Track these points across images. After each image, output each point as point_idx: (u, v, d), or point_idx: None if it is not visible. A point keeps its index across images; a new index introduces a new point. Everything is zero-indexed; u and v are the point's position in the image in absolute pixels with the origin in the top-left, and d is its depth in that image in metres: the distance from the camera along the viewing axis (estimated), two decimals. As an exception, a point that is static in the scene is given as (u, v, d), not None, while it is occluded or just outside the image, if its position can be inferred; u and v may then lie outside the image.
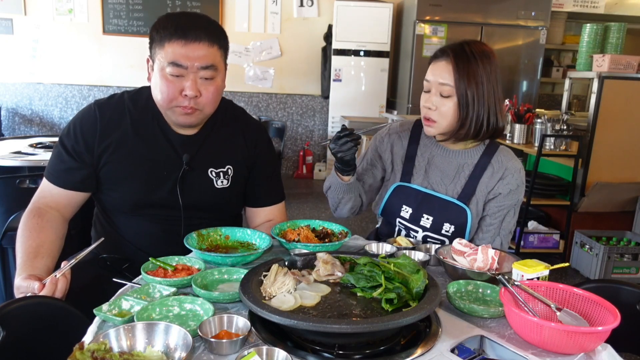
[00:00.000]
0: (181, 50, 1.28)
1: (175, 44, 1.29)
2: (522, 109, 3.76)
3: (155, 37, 1.33)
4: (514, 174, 1.51)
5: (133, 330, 0.87)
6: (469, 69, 1.41)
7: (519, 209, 1.57)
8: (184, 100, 1.33)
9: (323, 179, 6.01)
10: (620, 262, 3.39)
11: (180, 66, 1.29)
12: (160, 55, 1.31)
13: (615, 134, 3.44)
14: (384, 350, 0.93)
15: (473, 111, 1.43)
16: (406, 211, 1.57)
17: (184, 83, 1.31)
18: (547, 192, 3.65)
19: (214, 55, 1.33)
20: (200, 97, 1.34)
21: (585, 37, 3.69)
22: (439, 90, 1.44)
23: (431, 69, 1.48)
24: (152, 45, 1.35)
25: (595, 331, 0.92)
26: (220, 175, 1.49)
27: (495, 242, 1.55)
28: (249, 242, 1.40)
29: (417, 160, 1.59)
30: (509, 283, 1.06)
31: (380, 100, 5.75)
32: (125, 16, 5.72)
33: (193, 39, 1.29)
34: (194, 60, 1.30)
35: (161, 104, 1.36)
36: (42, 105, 5.95)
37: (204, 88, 1.34)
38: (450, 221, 1.52)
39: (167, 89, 1.32)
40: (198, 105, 1.35)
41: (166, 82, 1.31)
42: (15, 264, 1.32)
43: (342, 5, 5.46)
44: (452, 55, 1.42)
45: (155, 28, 1.34)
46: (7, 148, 2.73)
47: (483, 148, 1.55)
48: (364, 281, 1.05)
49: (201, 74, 1.32)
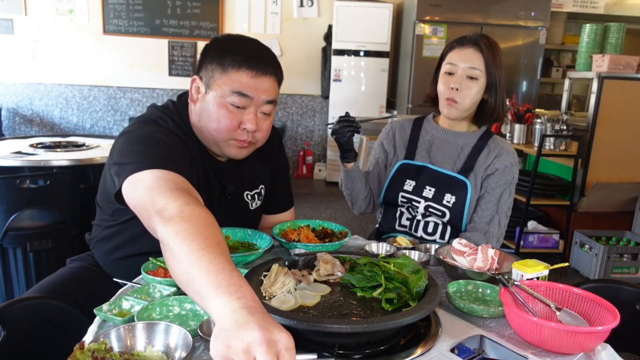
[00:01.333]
0: (250, 81, 1.23)
1: (244, 74, 1.22)
2: (522, 109, 3.76)
3: (217, 60, 1.24)
4: (508, 152, 1.65)
5: (133, 330, 0.87)
6: (495, 57, 1.58)
7: (514, 191, 1.67)
8: (242, 133, 1.26)
9: (323, 179, 6.07)
10: (620, 262, 3.39)
11: (246, 97, 1.23)
12: (222, 81, 1.23)
13: (615, 134, 3.44)
14: (384, 350, 0.93)
15: (496, 95, 1.60)
16: (409, 184, 1.67)
17: (244, 116, 1.25)
18: (546, 192, 3.66)
19: (276, 91, 1.30)
20: (257, 131, 1.28)
21: (584, 37, 3.69)
22: (466, 74, 1.57)
23: (457, 53, 1.60)
24: (209, 67, 1.25)
25: (595, 331, 0.92)
26: (255, 198, 1.47)
27: (494, 219, 1.62)
28: (250, 243, 1.40)
29: (420, 142, 1.73)
30: (508, 283, 1.06)
31: (380, 101, 5.75)
32: (125, 16, 5.73)
33: (263, 72, 1.24)
34: (261, 93, 1.25)
35: (215, 134, 1.26)
36: (43, 105, 5.95)
37: (262, 123, 1.29)
38: (451, 192, 1.61)
39: (227, 120, 1.24)
40: (254, 139, 1.30)
41: (227, 113, 1.23)
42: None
43: (342, 5, 5.46)
44: (482, 44, 1.57)
45: (218, 51, 1.25)
46: (8, 148, 2.73)
47: (480, 133, 1.69)
48: (364, 281, 1.05)
49: (263, 108, 1.27)
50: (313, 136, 6.31)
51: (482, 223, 1.62)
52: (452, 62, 1.59)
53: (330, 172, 5.94)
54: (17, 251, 2.21)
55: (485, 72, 1.56)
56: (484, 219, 1.62)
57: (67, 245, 2.31)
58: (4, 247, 2.19)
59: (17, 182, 2.17)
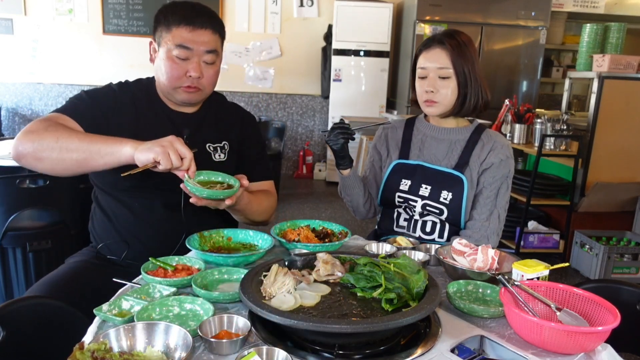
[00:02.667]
0: (188, 35, 1.41)
1: (183, 29, 1.41)
2: (522, 109, 3.76)
3: (162, 21, 1.44)
4: (502, 145, 1.64)
5: (133, 330, 0.87)
6: (463, 52, 1.57)
7: (510, 184, 1.67)
8: (188, 80, 1.44)
9: (323, 179, 6.06)
10: (620, 262, 3.39)
11: (187, 49, 1.41)
12: (167, 38, 1.42)
13: (615, 134, 3.44)
14: (384, 350, 0.93)
15: (471, 87, 1.59)
16: (405, 184, 1.67)
17: (189, 65, 1.43)
18: (547, 192, 3.65)
19: (216, 42, 1.47)
20: (202, 78, 1.45)
21: (585, 37, 3.69)
22: (437, 74, 1.58)
23: (425, 56, 1.61)
24: (158, 29, 1.46)
25: (595, 331, 0.92)
26: (218, 150, 1.57)
27: (493, 214, 1.62)
28: (251, 244, 1.40)
29: (413, 142, 1.73)
30: (509, 283, 1.06)
31: (380, 100, 5.75)
32: (125, 16, 5.73)
33: (200, 26, 1.42)
34: (200, 45, 1.42)
35: (166, 83, 1.46)
36: (42, 105, 5.95)
37: (205, 70, 1.46)
38: (447, 189, 1.61)
39: (173, 70, 1.43)
40: (200, 85, 1.47)
41: (172, 64, 1.43)
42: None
43: (342, 5, 5.46)
44: (447, 42, 1.57)
45: (163, 13, 1.45)
46: (7, 148, 2.73)
47: (472, 128, 1.68)
48: (364, 281, 1.05)
49: (204, 57, 1.44)
50: (313, 136, 6.31)
51: (482, 219, 1.62)
52: (422, 66, 1.61)
53: (330, 172, 5.93)
54: (16, 251, 2.21)
55: (454, 69, 1.56)
56: (483, 215, 1.62)
57: (67, 246, 2.31)
58: (4, 247, 2.19)
59: (16, 182, 2.17)
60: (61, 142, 1.25)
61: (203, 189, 1.26)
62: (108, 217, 1.51)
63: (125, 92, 1.53)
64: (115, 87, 1.54)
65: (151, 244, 1.46)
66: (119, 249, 1.48)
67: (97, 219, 1.56)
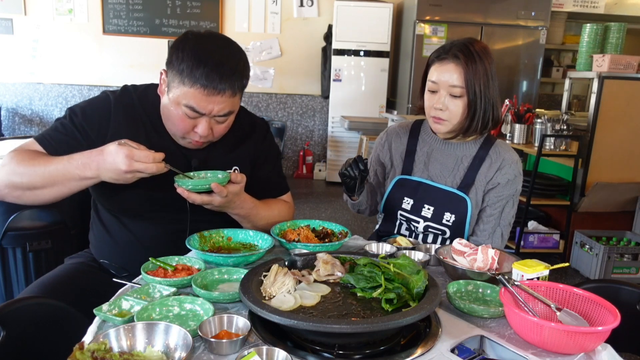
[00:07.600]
0: (202, 99, 1.25)
1: (198, 91, 1.24)
2: (522, 109, 3.76)
3: (177, 68, 1.25)
4: (511, 164, 1.56)
5: (133, 330, 0.87)
6: (477, 69, 1.46)
7: (517, 200, 1.61)
8: (196, 135, 1.33)
9: (323, 179, 6.07)
10: (620, 262, 3.39)
11: (198, 112, 1.28)
12: (179, 90, 1.26)
13: (615, 134, 3.44)
14: (384, 350, 0.93)
15: (481, 108, 1.49)
16: (407, 203, 1.61)
17: (198, 122, 1.30)
18: (547, 192, 3.65)
19: (233, 103, 1.31)
20: (211, 135, 1.34)
21: (585, 37, 3.68)
22: (448, 92, 1.49)
23: (437, 70, 1.50)
24: (171, 69, 1.28)
25: (595, 331, 0.92)
26: None
27: (496, 232, 1.59)
28: (252, 244, 1.40)
29: (417, 155, 1.65)
30: (509, 283, 1.06)
31: (380, 100, 5.75)
32: (125, 16, 5.72)
33: (216, 91, 1.24)
34: (212, 112, 1.28)
35: (173, 130, 1.37)
36: (42, 105, 5.95)
37: (216, 127, 1.34)
38: (450, 210, 1.56)
39: (181, 123, 1.31)
40: (208, 139, 1.36)
41: (181, 117, 1.29)
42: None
43: (342, 5, 5.46)
44: (462, 57, 1.46)
45: (180, 59, 1.25)
46: (7, 148, 2.73)
47: (481, 141, 1.60)
48: (363, 281, 1.05)
49: (216, 118, 1.32)
50: (313, 136, 6.31)
51: (484, 237, 1.58)
52: (433, 80, 1.51)
53: (330, 172, 5.94)
54: (16, 251, 2.21)
55: (466, 89, 1.46)
56: (485, 232, 1.58)
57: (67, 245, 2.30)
58: (4, 247, 2.19)
59: (16, 182, 2.17)
60: (28, 182, 1.27)
61: (188, 181, 1.26)
62: (107, 231, 1.47)
63: (126, 105, 1.42)
64: (110, 96, 1.41)
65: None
66: (118, 264, 1.45)
67: (96, 231, 1.51)
